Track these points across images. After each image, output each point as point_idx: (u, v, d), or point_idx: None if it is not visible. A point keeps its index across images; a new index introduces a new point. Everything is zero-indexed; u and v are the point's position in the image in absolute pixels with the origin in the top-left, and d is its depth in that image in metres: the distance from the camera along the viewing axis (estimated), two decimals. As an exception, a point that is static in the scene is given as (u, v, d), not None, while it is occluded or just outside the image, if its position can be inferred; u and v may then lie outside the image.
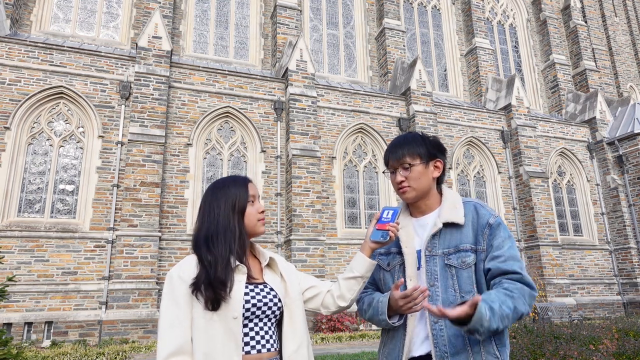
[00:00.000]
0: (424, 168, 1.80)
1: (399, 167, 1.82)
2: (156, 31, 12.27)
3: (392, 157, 1.84)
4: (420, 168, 1.80)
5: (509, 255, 1.67)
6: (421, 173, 1.80)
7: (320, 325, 11.43)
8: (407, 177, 1.80)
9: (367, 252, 1.74)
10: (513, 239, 1.72)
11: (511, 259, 1.66)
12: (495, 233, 1.71)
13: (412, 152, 1.81)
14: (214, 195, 1.69)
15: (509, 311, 1.56)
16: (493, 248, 1.69)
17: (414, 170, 1.79)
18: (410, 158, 1.80)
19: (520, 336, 6.01)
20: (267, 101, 13.36)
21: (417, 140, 1.85)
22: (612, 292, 16.10)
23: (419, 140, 1.84)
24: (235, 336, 1.52)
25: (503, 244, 1.69)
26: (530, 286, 1.64)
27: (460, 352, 1.62)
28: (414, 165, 1.79)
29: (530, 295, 1.62)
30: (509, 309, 1.55)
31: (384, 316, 1.72)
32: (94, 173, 11.20)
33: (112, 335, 9.82)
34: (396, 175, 1.82)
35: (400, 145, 1.84)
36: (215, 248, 1.59)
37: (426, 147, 1.83)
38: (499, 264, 1.66)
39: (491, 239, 1.71)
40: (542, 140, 16.93)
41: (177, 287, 1.56)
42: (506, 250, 1.68)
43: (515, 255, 1.68)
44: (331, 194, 13.41)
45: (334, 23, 17.03)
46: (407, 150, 1.81)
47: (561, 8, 21.24)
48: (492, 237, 1.71)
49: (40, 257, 10.23)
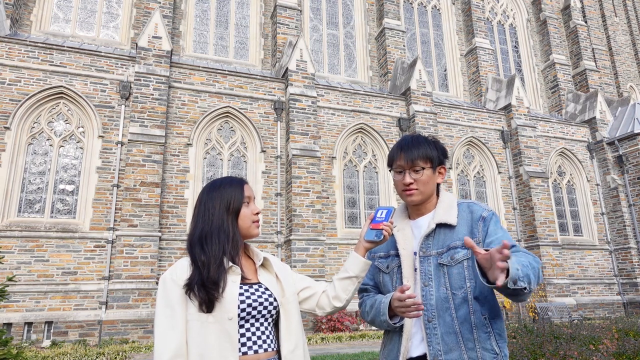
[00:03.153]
0: (432, 173, 1.80)
1: (410, 168, 1.79)
2: (156, 31, 12.27)
3: (406, 158, 1.79)
4: (429, 172, 1.79)
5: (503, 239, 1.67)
6: (430, 177, 1.79)
7: (320, 325, 11.42)
8: (416, 180, 1.78)
9: (362, 251, 1.74)
10: (505, 230, 1.74)
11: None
12: (489, 223, 1.74)
13: (425, 155, 1.79)
14: (209, 196, 1.69)
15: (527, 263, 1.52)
16: (489, 234, 1.71)
17: (425, 174, 1.78)
18: (422, 162, 1.78)
19: (520, 336, 6.01)
20: (267, 101, 13.36)
21: (430, 144, 1.83)
22: (612, 292, 16.10)
23: (432, 145, 1.83)
24: (231, 337, 1.52)
25: (496, 232, 1.71)
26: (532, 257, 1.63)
27: (453, 349, 1.62)
28: (426, 169, 1.78)
29: (534, 258, 1.61)
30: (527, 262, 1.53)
31: (385, 317, 1.72)
32: (94, 173, 11.20)
33: (112, 335, 9.83)
34: (404, 176, 1.79)
35: (415, 147, 1.80)
36: (208, 248, 1.59)
37: (437, 152, 1.83)
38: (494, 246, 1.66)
39: (485, 229, 1.73)
40: (542, 140, 16.92)
41: (171, 290, 1.56)
42: (500, 236, 1.69)
43: (508, 238, 1.67)
44: (331, 194, 13.41)
45: (334, 23, 17.03)
46: (421, 153, 1.79)
47: (561, 8, 21.24)
48: (486, 227, 1.73)
49: (40, 257, 10.23)
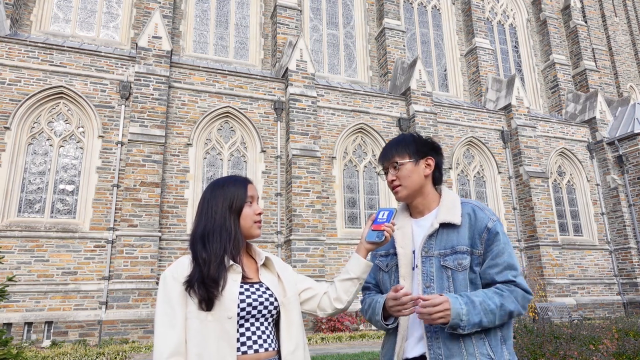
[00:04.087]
0: (414, 166, 1.82)
1: (390, 167, 1.86)
2: (156, 31, 12.27)
3: (383, 158, 1.89)
4: (409, 166, 1.82)
5: (506, 265, 1.67)
6: (410, 171, 1.81)
7: (320, 325, 11.43)
8: (397, 176, 1.83)
9: (363, 253, 1.73)
10: (510, 245, 1.73)
11: (507, 269, 1.66)
12: (494, 239, 1.70)
13: (400, 151, 1.84)
14: (212, 194, 1.69)
15: (494, 306, 1.58)
16: (491, 255, 1.69)
17: (403, 168, 1.82)
18: (399, 157, 1.83)
19: (520, 336, 6.01)
20: (267, 101, 13.36)
21: (407, 139, 1.88)
22: (612, 292, 16.10)
23: (409, 140, 1.88)
24: (230, 337, 1.51)
25: (502, 252, 1.69)
26: (523, 289, 1.65)
27: (455, 354, 1.61)
28: (403, 163, 1.82)
29: (524, 296, 1.64)
30: (494, 305, 1.58)
31: (379, 317, 1.73)
32: (94, 173, 11.20)
33: (112, 335, 9.83)
34: (387, 175, 1.87)
35: (391, 146, 1.89)
36: (210, 246, 1.59)
37: (416, 146, 1.85)
38: (494, 275, 1.67)
39: (489, 245, 1.70)
40: (542, 140, 16.93)
41: (171, 288, 1.56)
42: (505, 258, 1.67)
43: (512, 263, 1.68)
44: (331, 194, 13.41)
45: (334, 23, 17.03)
46: (395, 150, 1.85)
47: (561, 8, 21.24)
48: (490, 243, 1.70)
49: (40, 257, 10.23)
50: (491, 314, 1.57)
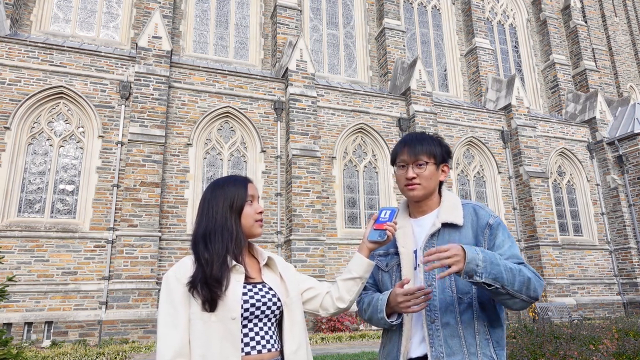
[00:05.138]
0: (435, 169, 1.81)
1: (413, 163, 1.80)
2: (156, 31, 12.27)
3: (409, 152, 1.80)
4: (432, 168, 1.80)
5: (510, 254, 1.67)
6: (432, 173, 1.80)
7: (320, 325, 11.43)
8: (419, 175, 1.79)
9: (365, 252, 1.73)
10: (513, 239, 1.73)
11: (512, 258, 1.66)
12: (496, 233, 1.72)
13: (429, 150, 1.80)
14: (213, 194, 1.68)
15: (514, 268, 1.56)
16: (494, 248, 1.69)
17: (428, 169, 1.79)
18: (426, 156, 1.79)
19: (520, 336, 6.01)
20: (267, 101, 13.36)
21: (434, 140, 1.85)
22: (612, 292, 16.10)
23: (436, 141, 1.85)
24: (234, 337, 1.51)
25: (503, 244, 1.70)
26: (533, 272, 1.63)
27: (456, 353, 1.61)
28: (429, 164, 1.79)
29: (536, 275, 1.61)
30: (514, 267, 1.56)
31: (382, 314, 1.71)
32: (94, 173, 11.20)
33: (112, 335, 9.82)
34: (407, 171, 1.80)
35: (419, 142, 1.82)
36: (212, 246, 1.58)
37: (441, 149, 1.84)
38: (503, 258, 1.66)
39: (492, 239, 1.71)
40: (542, 140, 16.93)
41: (174, 289, 1.55)
42: (507, 249, 1.68)
43: (515, 253, 1.68)
44: (331, 194, 13.41)
45: (334, 23, 17.03)
46: (425, 148, 1.80)
47: (561, 8, 21.24)
48: (493, 237, 1.71)
49: (40, 257, 10.23)
50: (511, 272, 1.53)
